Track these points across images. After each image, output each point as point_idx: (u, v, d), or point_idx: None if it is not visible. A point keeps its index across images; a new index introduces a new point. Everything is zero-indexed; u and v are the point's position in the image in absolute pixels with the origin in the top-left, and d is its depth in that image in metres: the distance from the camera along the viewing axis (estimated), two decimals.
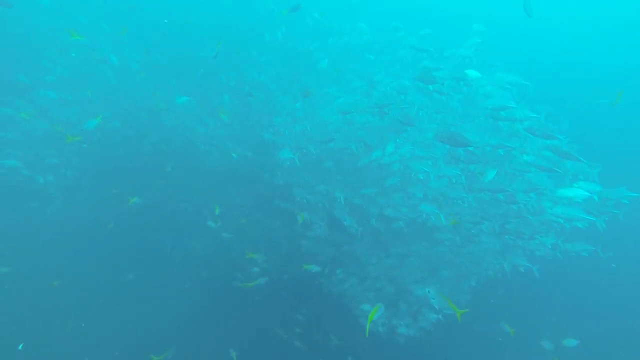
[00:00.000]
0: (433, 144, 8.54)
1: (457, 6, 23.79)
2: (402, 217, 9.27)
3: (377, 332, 9.51)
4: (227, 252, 11.86)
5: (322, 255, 11.16)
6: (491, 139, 7.34)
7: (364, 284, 10.45)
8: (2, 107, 11.08)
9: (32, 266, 10.27)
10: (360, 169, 10.14)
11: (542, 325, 10.72)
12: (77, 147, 11.32)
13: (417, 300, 9.28)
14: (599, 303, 12.73)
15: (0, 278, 9.89)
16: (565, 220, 6.51)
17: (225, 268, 11.70)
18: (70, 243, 10.93)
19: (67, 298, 10.32)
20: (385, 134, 9.28)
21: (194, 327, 10.81)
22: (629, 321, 12.22)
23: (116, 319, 10.30)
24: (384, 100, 8.14)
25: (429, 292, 5.71)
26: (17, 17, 13.49)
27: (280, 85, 13.71)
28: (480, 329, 9.56)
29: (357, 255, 10.85)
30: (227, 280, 11.42)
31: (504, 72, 7.33)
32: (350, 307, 10.48)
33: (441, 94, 7.59)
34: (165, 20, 13.28)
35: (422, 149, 8.34)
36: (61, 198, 11.22)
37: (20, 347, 8.94)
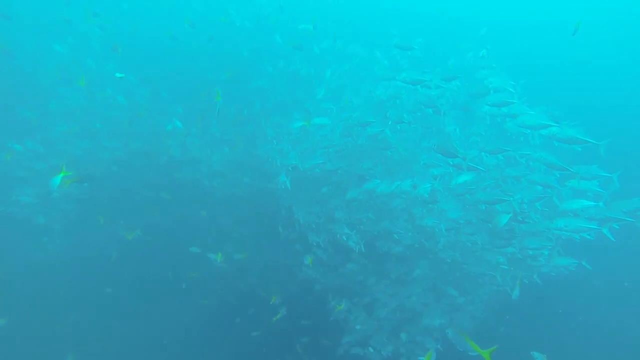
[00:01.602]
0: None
1: (448, 9, 23.70)
2: (406, 238, 8.83)
3: None
4: (229, 282, 11.52)
5: (324, 282, 10.61)
6: (488, 145, 6.80)
7: (370, 313, 9.82)
8: (11, 144, 11.55)
9: (31, 312, 10.28)
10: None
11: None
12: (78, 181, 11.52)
13: (421, 329, 8.57)
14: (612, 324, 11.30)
15: None
16: (571, 232, 5.78)
17: (229, 299, 11.37)
18: (69, 281, 10.94)
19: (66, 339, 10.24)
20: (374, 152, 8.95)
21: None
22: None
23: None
24: (368, 118, 7.87)
25: (448, 332, 5.46)
26: (29, 62, 14.36)
27: (281, 109, 13.65)
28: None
29: (360, 280, 10.25)
30: (230, 312, 11.07)
31: (493, 74, 6.94)
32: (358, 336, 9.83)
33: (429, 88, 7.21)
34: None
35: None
36: (61, 232, 11.39)
37: None
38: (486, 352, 4.85)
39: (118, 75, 10.39)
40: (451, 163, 6.90)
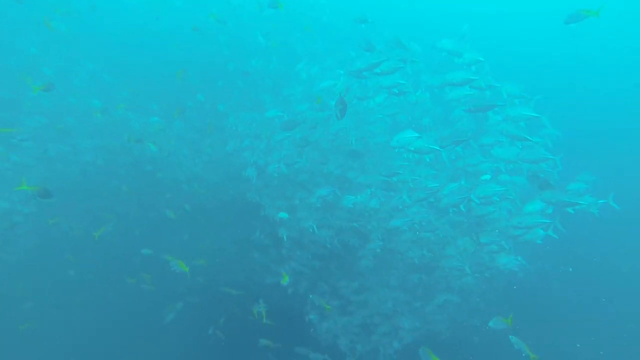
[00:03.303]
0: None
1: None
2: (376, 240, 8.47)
3: None
4: (196, 283, 11.13)
5: (297, 287, 10.21)
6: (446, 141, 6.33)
7: (341, 315, 9.46)
8: None
9: None
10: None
11: None
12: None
13: (391, 330, 8.22)
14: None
15: None
16: (525, 228, 5.37)
17: (194, 299, 11.00)
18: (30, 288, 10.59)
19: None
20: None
21: None
22: None
23: None
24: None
25: (419, 351, 5.63)
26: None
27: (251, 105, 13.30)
28: None
29: (332, 283, 9.87)
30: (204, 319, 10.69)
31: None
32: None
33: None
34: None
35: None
36: (22, 236, 11.05)
37: None
38: None
39: None
40: (412, 149, 6.48)
